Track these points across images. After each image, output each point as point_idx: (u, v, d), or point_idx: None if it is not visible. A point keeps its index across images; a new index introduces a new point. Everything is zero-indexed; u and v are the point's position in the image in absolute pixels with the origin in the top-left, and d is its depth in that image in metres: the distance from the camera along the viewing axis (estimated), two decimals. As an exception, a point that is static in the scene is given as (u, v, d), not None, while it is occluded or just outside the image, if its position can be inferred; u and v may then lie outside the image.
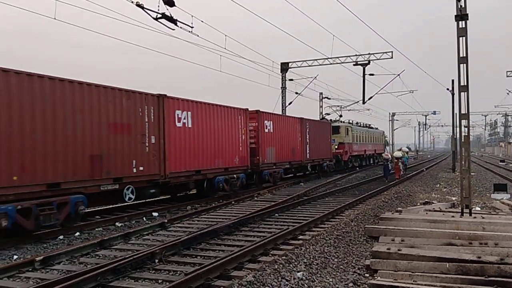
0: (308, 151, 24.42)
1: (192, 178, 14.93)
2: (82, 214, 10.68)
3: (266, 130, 19.72)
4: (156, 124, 13.08)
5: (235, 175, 17.12)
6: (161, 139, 13.25)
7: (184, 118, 14.35)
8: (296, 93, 32.83)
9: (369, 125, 41.26)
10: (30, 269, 7.11)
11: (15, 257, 8.18)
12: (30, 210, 9.29)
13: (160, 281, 6.39)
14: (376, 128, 43.78)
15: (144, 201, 13.80)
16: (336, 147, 30.19)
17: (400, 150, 28.27)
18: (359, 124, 37.09)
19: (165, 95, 13.61)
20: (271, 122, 20.25)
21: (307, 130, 24.39)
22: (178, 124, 14.06)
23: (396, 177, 23.47)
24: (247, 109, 18.46)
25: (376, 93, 32.59)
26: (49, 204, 9.73)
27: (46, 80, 9.96)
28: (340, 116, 36.53)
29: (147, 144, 12.76)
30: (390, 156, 25.92)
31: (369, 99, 31.38)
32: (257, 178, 19.43)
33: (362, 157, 36.52)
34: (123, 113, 11.98)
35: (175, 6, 12.92)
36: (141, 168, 12.51)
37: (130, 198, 12.32)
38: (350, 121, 35.25)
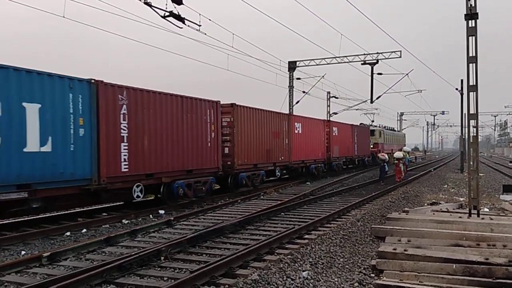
0: (356, 149, 32.25)
1: (300, 165, 23.15)
2: (264, 181, 19.42)
3: (334, 134, 27.69)
4: (287, 131, 21.38)
5: (319, 164, 25.31)
6: (289, 141, 21.56)
7: (298, 128, 22.71)
8: (304, 92, 32.77)
9: (393, 128, 50.41)
10: (38, 265, 7.17)
11: (23, 252, 8.26)
12: (250, 177, 17.94)
13: (165, 278, 6.41)
14: (399, 131, 53.38)
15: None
16: (371, 146, 37.81)
17: (401, 150, 26.03)
18: (386, 128, 45.77)
19: (291, 113, 22.33)
20: (337, 128, 28.33)
21: (355, 133, 32.13)
22: (296, 132, 22.29)
23: (396, 179, 21.62)
24: (325, 119, 27.76)
25: (384, 93, 32.48)
26: (254, 175, 18.36)
27: (255, 110, 18.44)
28: (372, 121, 45.86)
29: (284, 144, 21.08)
30: (387, 156, 23.67)
31: (377, 98, 31.23)
32: (328, 168, 27.04)
33: (390, 155, 46.09)
34: (277, 126, 20.36)
35: (183, 4, 12.91)
36: (282, 158, 20.84)
37: (277, 175, 20.76)
38: (380, 125, 43.42)
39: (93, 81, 10.95)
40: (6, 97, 9.01)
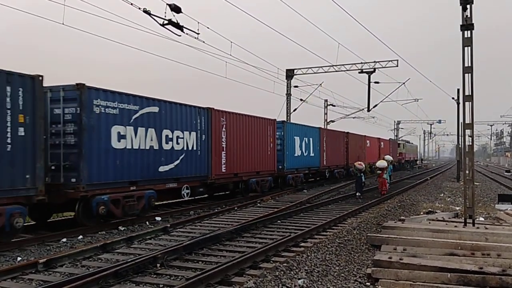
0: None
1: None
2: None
3: (381, 146, 41.01)
4: (363, 145, 35.07)
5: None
6: (364, 151, 34.53)
7: (368, 143, 36.40)
8: (301, 99, 32.95)
9: (409, 141, 64.97)
10: (33, 271, 7.17)
11: (18, 258, 8.26)
12: (353, 171, 26.59)
13: (161, 285, 6.42)
14: (412, 143, 66.92)
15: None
16: (398, 154, 49.28)
17: (383, 159, 21.83)
18: (405, 141, 61.26)
19: (365, 135, 36.09)
20: (382, 142, 41.87)
21: (391, 145, 45.78)
22: (367, 145, 36.03)
23: (382, 192, 19.14)
24: (379, 138, 40.93)
25: (381, 101, 32.72)
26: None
27: (355, 135, 33.37)
28: (396, 135, 62.64)
29: (362, 152, 33.93)
30: (364, 165, 20.68)
31: (374, 107, 31.44)
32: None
33: (408, 161, 60.00)
34: (361, 142, 34.59)
35: (182, 12, 13.01)
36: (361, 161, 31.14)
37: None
38: (401, 139, 60.46)
39: (319, 127, 26.97)
40: (303, 137, 23.81)
